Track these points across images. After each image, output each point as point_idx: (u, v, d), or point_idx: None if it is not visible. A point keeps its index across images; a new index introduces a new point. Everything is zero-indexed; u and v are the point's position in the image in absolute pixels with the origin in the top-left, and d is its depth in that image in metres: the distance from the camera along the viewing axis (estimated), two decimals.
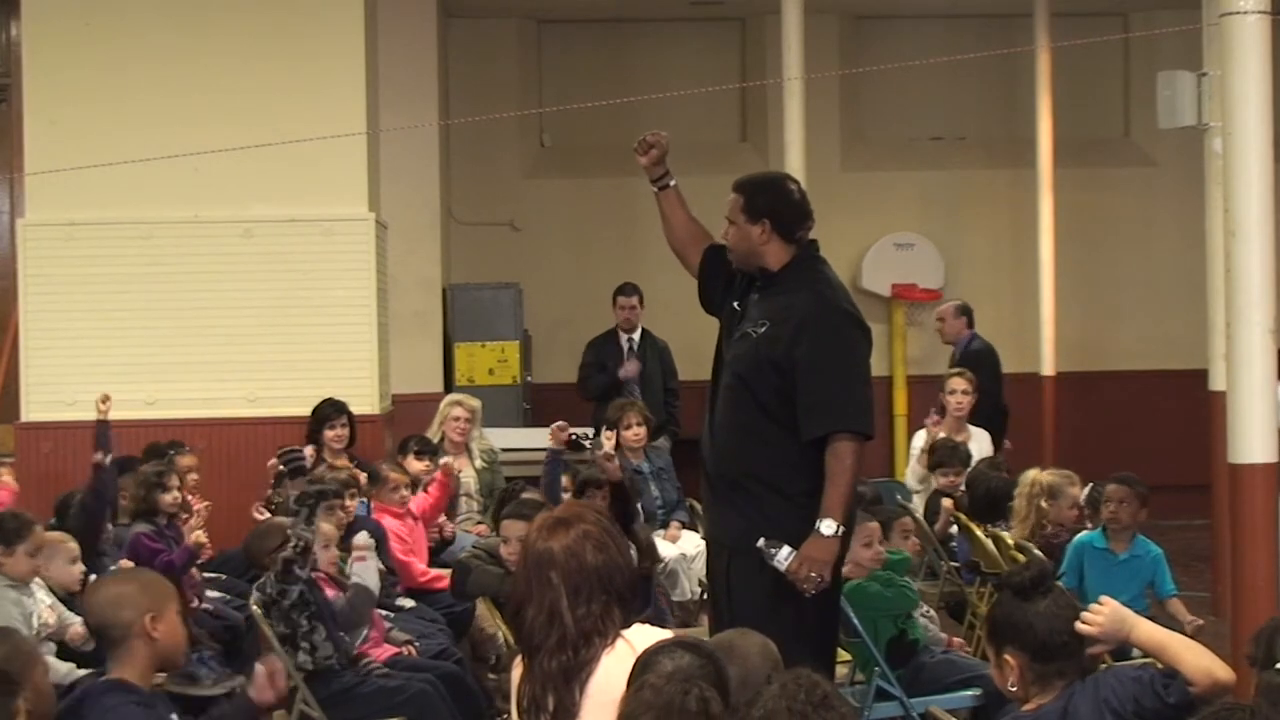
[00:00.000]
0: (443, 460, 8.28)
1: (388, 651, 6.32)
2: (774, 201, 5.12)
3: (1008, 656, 3.68)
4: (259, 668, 4.26)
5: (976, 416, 9.23)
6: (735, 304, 5.24)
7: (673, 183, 5.42)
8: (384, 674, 6.00)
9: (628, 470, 7.73)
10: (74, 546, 6.38)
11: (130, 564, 6.40)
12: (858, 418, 4.94)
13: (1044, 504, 7.21)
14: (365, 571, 6.19)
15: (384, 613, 6.70)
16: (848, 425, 4.90)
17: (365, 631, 6.28)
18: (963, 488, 8.25)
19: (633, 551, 4.25)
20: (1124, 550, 6.83)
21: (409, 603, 7.28)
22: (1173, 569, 7.05)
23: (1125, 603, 3.80)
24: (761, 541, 4.83)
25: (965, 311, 10.45)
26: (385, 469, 7.72)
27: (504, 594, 5.90)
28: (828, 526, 4.81)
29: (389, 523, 7.52)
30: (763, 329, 5.05)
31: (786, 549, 4.81)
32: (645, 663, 3.12)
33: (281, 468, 7.65)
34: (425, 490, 8.08)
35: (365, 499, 7.70)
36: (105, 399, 7.66)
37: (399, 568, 7.40)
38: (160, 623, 4.04)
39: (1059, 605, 3.66)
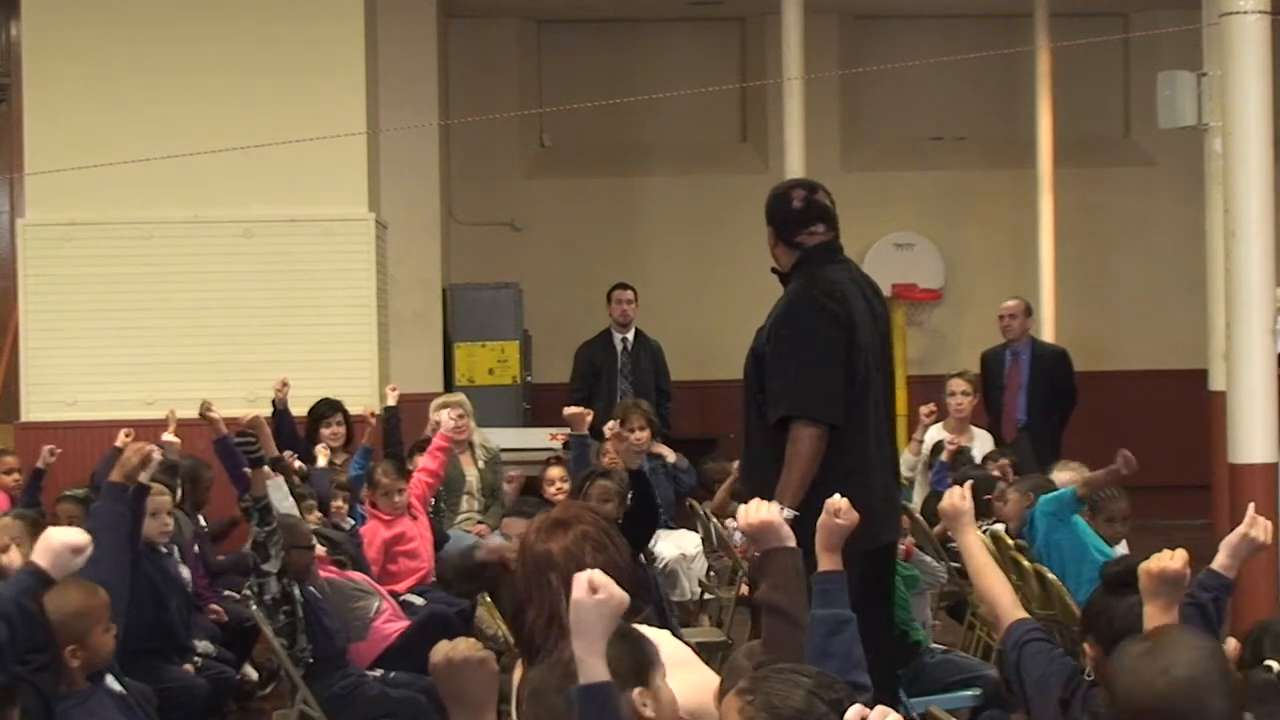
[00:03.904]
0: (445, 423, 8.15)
1: (402, 624, 6.36)
2: (775, 209, 5.31)
3: (1086, 644, 3.73)
4: None
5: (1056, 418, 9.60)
6: None
7: None
8: (379, 677, 6.02)
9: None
10: None
11: None
12: (815, 404, 5.00)
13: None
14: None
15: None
16: (804, 411, 4.98)
17: (377, 604, 6.30)
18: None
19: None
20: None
21: (418, 600, 7.28)
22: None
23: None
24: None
25: (1031, 311, 10.40)
26: (379, 474, 7.68)
27: (471, 571, 5.84)
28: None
29: (380, 532, 7.48)
30: (761, 327, 5.25)
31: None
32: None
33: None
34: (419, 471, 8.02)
35: (360, 502, 7.70)
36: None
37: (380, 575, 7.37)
38: (81, 650, 4.20)
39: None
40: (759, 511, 3.40)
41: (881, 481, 5.26)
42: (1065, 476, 6.95)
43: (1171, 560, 3.34)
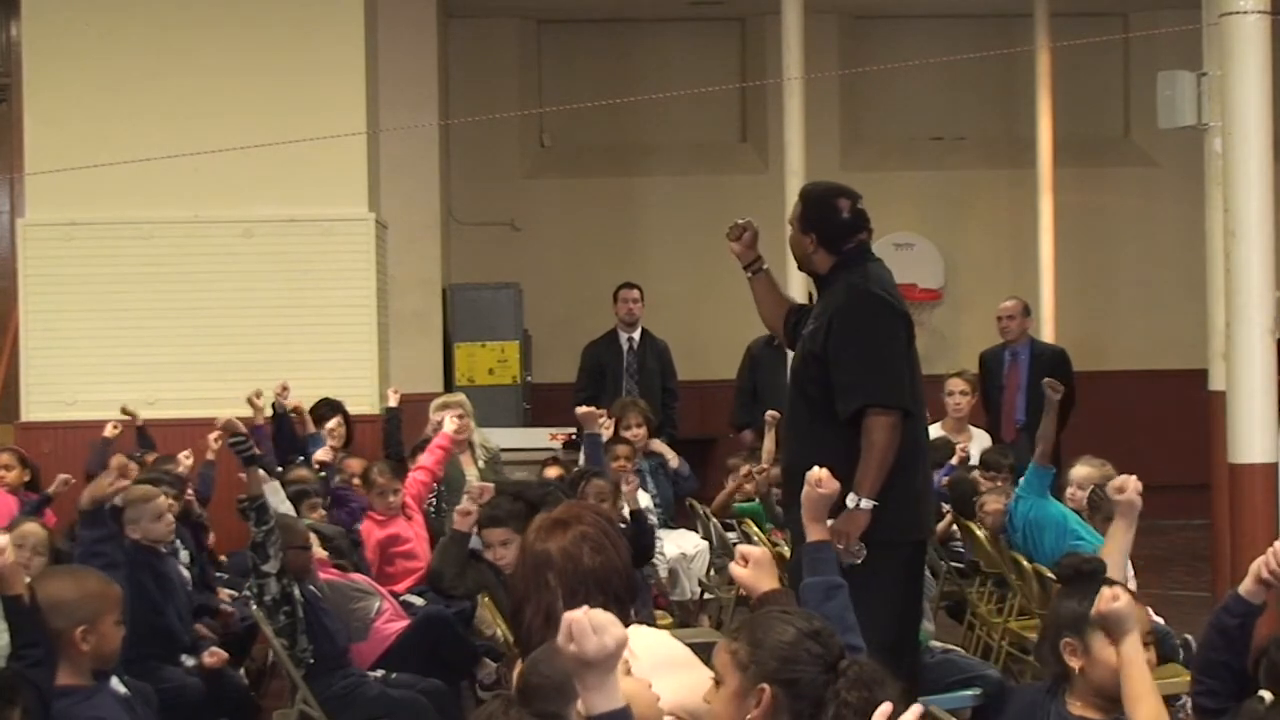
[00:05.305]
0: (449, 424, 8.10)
1: (404, 624, 6.38)
2: (822, 218, 5.36)
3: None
4: None
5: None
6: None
7: (765, 266, 5.67)
8: (380, 678, 6.02)
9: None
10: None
11: None
12: (886, 392, 5.07)
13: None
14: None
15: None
16: (876, 400, 5.03)
17: (378, 605, 6.31)
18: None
19: None
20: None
21: (418, 600, 7.27)
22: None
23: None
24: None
25: (1029, 311, 10.34)
26: (375, 473, 7.66)
27: (458, 565, 5.77)
28: (851, 500, 4.94)
29: (375, 532, 7.47)
30: (809, 328, 5.29)
31: None
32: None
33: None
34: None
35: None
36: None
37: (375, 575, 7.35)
38: (91, 634, 4.14)
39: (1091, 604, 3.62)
40: (754, 558, 3.40)
41: (927, 473, 5.47)
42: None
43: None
